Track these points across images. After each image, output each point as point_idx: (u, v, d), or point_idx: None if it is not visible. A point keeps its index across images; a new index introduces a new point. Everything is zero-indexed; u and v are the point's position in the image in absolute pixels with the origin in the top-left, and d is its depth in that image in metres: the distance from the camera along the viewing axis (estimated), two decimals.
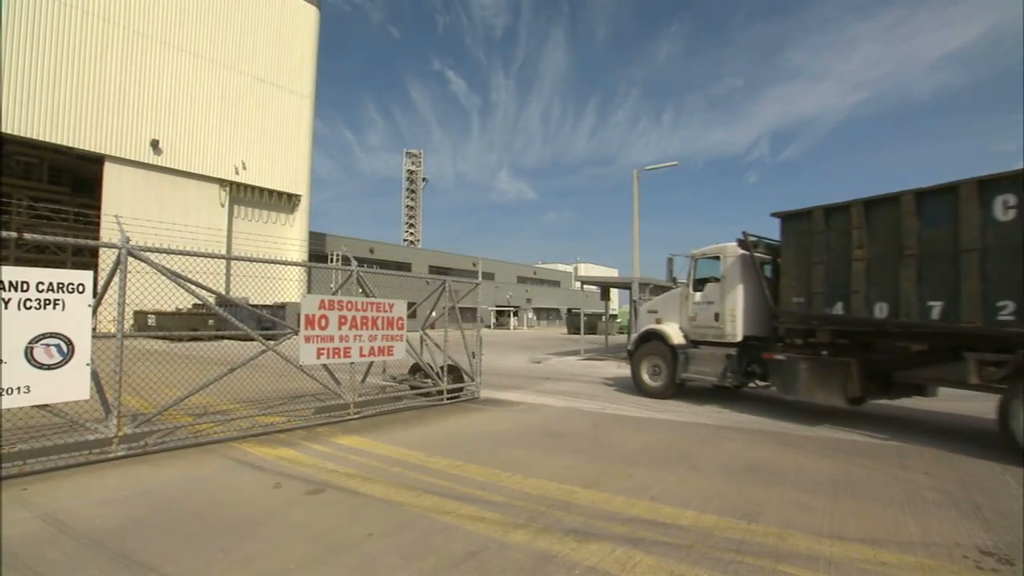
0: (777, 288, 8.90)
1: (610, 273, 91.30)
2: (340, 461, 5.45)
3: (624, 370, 16.01)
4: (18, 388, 4.41)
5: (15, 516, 3.88)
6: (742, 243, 9.32)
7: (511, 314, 59.83)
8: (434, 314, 9.54)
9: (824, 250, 8.07)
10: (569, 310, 58.07)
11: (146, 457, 5.41)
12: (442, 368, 9.17)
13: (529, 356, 21.51)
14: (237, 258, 6.70)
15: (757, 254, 9.21)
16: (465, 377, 9.63)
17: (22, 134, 27.28)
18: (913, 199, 6.98)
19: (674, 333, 10.43)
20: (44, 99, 27.69)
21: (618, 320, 43.96)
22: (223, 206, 35.02)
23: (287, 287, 29.86)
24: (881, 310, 7.32)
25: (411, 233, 76.39)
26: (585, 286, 60.69)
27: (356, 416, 7.48)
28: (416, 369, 9.32)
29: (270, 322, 7.99)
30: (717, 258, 9.79)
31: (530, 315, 65.82)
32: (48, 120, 27.87)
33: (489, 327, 54.69)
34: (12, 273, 4.39)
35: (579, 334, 26.58)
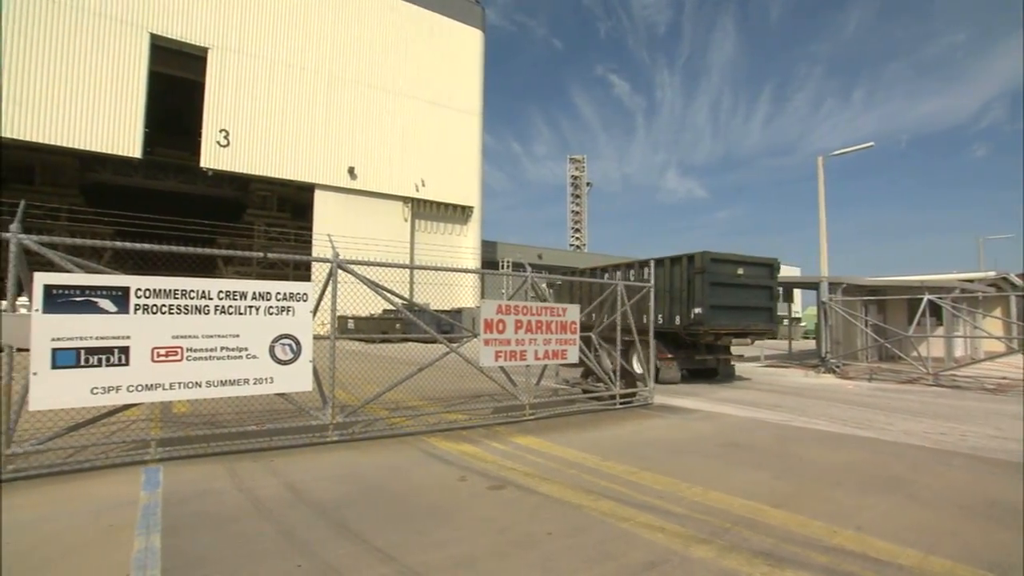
0: None
1: (791, 272, 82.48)
2: (518, 460, 5.70)
3: (815, 379, 14.36)
4: (265, 378, 5.44)
5: (269, 482, 4.77)
6: None
7: None
8: (606, 318, 9.52)
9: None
10: None
11: (353, 443, 6.22)
12: (614, 372, 9.10)
13: None
14: (423, 267, 7.43)
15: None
16: (638, 382, 9.45)
17: (261, 174, 33.68)
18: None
19: None
20: (273, 144, 33.62)
21: (803, 324, 39.57)
22: (406, 221, 38.96)
23: (462, 293, 32.13)
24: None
25: (577, 238, 77.11)
26: None
27: (532, 417, 7.76)
28: (588, 373, 9.38)
29: (449, 325, 8.66)
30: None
31: None
32: (278, 160, 33.79)
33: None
34: (261, 286, 5.44)
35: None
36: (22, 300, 4.85)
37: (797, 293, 23.78)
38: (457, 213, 41.82)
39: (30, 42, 27.28)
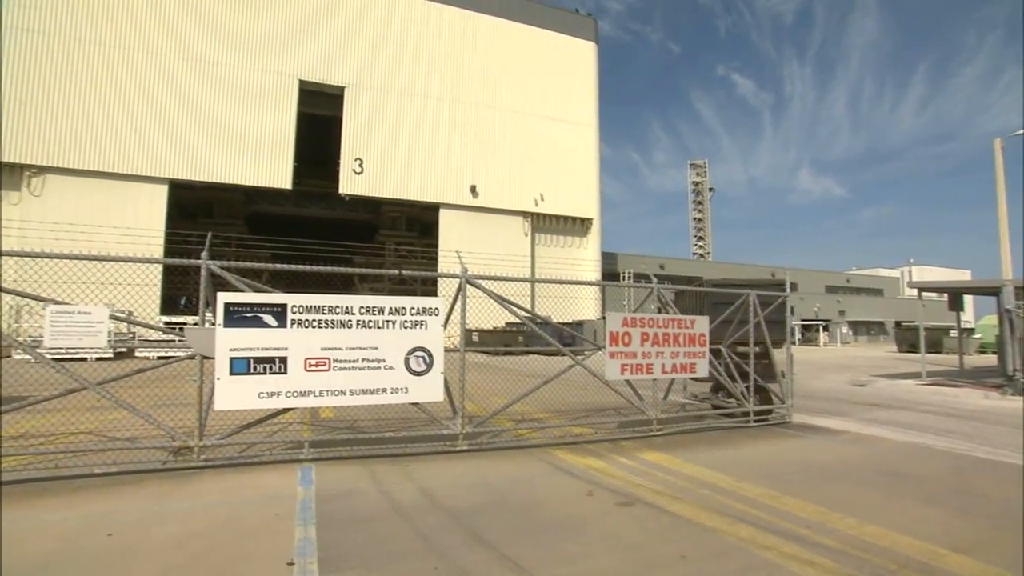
0: None
1: (959, 276, 71.89)
2: (647, 477, 5.52)
3: (1000, 402, 12.30)
4: (401, 388, 5.84)
5: (405, 486, 5.08)
6: None
7: (820, 329, 52.13)
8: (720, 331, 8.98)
9: None
10: (898, 323, 47.69)
11: (481, 453, 6.41)
12: (747, 388, 8.52)
13: (848, 377, 18.37)
14: (547, 280, 7.57)
15: None
16: (774, 399, 8.76)
17: (391, 196, 36.49)
18: None
19: None
20: (401, 168, 36.29)
21: (976, 335, 34.16)
22: (526, 235, 39.77)
23: (583, 305, 31.99)
24: None
25: (700, 246, 73.85)
26: (923, 293, 48.99)
27: (659, 433, 7.50)
28: (718, 388, 8.88)
29: (570, 338, 8.64)
30: None
31: (844, 329, 56.09)
32: (406, 183, 36.37)
33: (794, 343, 48.62)
34: (397, 302, 5.87)
35: (916, 353, 21.46)
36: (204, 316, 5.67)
37: (968, 300, 20.51)
38: (576, 226, 41.92)
39: (211, 99, 32.18)
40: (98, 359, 17.61)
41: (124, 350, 20.16)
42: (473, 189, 38.06)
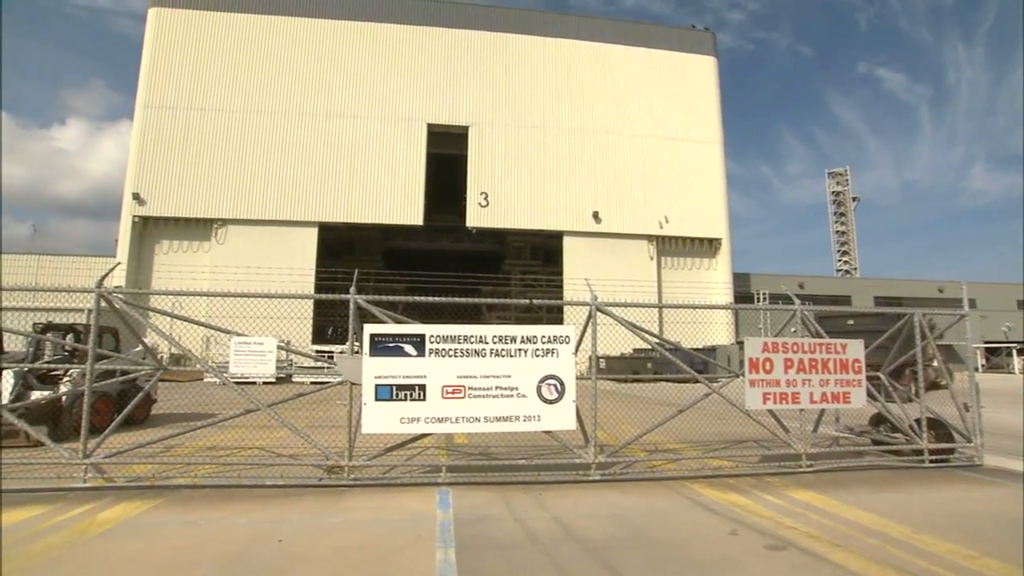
0: None
1: None
2: (798, 518, 5.00)
3: None
4: (533, 416, 5.92)
5: (539, 514, 5.09)
6: None
7: (1011, 352, 44.02)
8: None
9: None
10: None
11: (614, 484, 6.23)
12: (917, 422, 7.43)
13: None
14: (677, 306, 7.33)
15: None
16: (955, 436, 7.53)
17: (516, 227, 37.94)
18: None
19: None
20: (524, 198, 37.52)
21: None
22: (651, 259, 38.77)
23: (714, 330, 30.28)
24: None
25: (845, 262, 66.82)
26: None
27: (810, 469, 6.77)
28: (880, 420, 7.84)
29: (702, 364, 8.19)
30: None
31: None
32: (529, 213, 37.50)
33: (977, 370, 41.55)
34: (528, 330, 6.02)
35: None
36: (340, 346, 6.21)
37: None
38: (704, 247, 40.11)
39: (351, 149, 36.07)
40: (264, 383, 20.10)
41: (283, 375, 22.75)
42: (596, 215, 38.11)
